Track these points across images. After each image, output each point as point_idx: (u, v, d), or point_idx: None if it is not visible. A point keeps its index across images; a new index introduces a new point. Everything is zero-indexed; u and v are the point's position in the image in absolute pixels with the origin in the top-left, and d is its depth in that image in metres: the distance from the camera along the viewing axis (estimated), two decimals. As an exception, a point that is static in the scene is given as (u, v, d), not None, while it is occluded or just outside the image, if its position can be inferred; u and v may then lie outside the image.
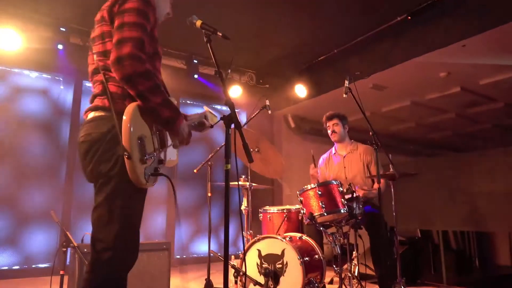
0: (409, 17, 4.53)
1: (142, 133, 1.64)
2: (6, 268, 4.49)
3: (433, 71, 5.22)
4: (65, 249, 2.73)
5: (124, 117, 1.59)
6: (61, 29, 4.53)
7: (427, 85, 5.81)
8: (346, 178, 3.77)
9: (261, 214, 3.57)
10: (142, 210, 1.74)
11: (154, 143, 1.72)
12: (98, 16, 1.83)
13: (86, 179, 1.74)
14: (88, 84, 4.75)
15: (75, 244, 2.74)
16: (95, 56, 1.78)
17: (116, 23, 1.68)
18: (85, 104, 1.98)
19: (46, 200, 4.79)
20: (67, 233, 2.77)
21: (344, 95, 3.21)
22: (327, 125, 3.93)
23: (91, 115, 1.73)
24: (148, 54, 1.70)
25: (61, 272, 2.73)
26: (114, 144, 1.62)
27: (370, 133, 3.22)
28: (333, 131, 3.89)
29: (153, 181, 1.71)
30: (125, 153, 1.54)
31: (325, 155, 4.10)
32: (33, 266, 4.65)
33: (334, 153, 4.00)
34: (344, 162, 3.86)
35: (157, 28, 1.85)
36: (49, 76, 5.18)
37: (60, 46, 4.56)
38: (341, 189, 3.09)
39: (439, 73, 5.29)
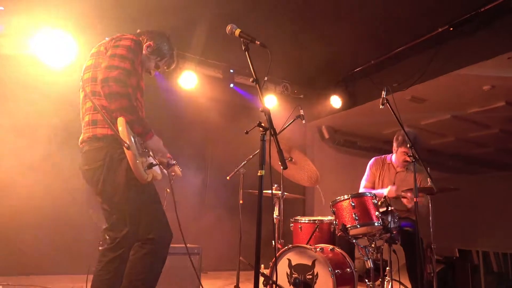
0: (451, 28, 4.39)
1: (133, 135, 2.00)
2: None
3: (476, 84, 5.03)
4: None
5: (119, 122, 1.95)
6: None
7: (469, 99, 5.60)
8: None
9: (292, 224, 3.55)
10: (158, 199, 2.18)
11: (139, 145, 2.07)
12: (94, 50, 2.22)
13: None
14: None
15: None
16: (82, 83, 2.15)
17: (110, 52, 2.06)
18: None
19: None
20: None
21: (381, 106, 3.14)
22: (404, 150, 3.55)
23: (87, 147, 2.08)
24: (131, 84, 2.06)
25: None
26: (114, 166, 2.00)
27: (408, 145, 3.13)
28: (407, 161, 3.54)
29: (150, 176, 2.03)
30: (125, 144, 1.88)
31: (379, 158, 3.86)
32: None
33: (390, 163, 3.78)
34: (395, 179, 3.65)
35: (141, 65, 2.24)
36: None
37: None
38: (375, 201, 3.02)
39: (482, 86, 5.08)
